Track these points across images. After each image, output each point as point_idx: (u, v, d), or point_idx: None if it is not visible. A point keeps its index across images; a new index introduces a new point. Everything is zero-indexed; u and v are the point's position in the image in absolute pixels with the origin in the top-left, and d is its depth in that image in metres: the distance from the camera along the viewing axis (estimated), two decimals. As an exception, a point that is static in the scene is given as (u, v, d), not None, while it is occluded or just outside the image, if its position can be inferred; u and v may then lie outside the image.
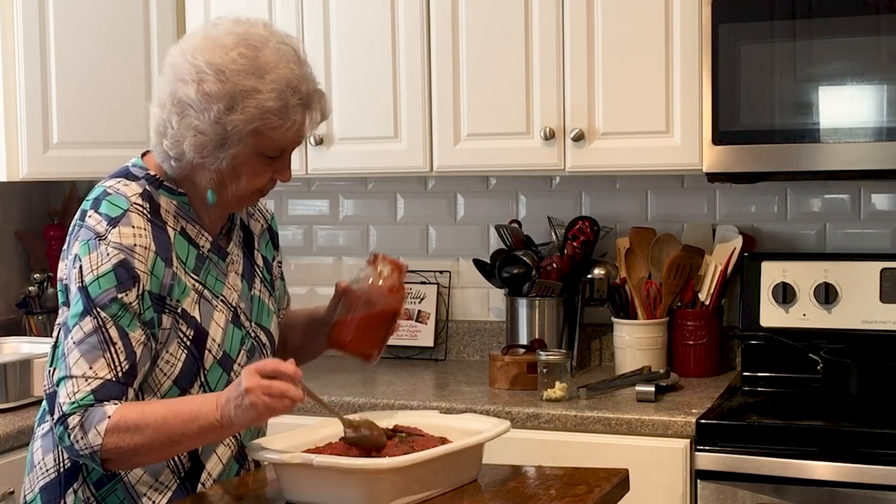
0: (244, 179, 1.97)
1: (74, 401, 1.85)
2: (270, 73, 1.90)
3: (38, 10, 3.22)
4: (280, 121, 1.91)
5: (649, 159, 2.95)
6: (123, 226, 1.91)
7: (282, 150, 1.98)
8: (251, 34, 1.93)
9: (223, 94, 1.88)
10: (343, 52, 3.20)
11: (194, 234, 2.02)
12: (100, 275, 1.88)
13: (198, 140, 1.91)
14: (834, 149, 2.71)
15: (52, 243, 3.66)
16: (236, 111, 1.88)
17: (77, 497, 1.99)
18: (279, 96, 1.90)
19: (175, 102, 1.92)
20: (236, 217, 2.13)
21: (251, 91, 1.88)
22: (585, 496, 1.88)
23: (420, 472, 1.84)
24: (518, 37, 3.03)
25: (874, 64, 2.70)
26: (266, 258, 2.20)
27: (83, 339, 1.88)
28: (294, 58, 1.95)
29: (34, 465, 2.06)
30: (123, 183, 1.98)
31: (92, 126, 3.28)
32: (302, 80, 1.94)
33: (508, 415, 2.72)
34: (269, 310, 2.14)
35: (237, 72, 1.89)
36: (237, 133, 1.90)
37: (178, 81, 1.92)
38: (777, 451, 2.54)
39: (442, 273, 3.53)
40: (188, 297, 1.97)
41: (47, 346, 2.05)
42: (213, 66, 1.89)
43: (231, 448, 2.05)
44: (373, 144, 3.19)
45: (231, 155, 1.92)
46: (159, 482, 1.99)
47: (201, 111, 1.89)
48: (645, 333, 3.10)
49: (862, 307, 2.96)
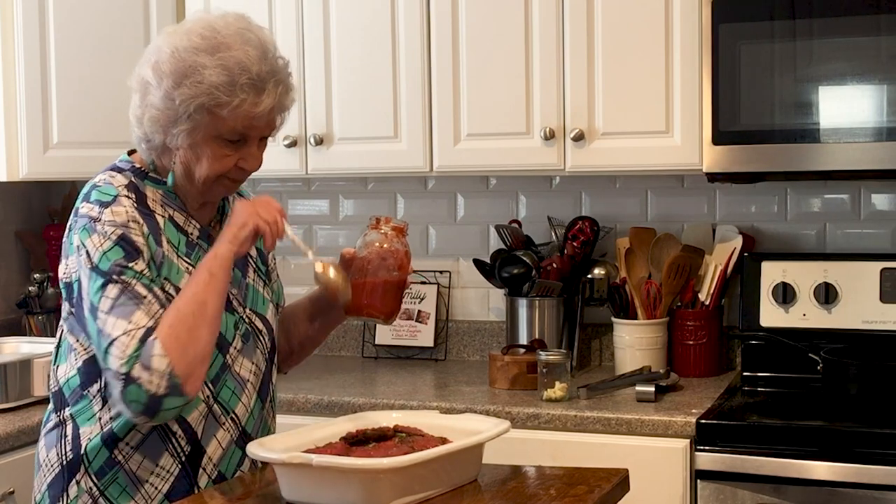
0: (206, 163, 2.01)
1: (128, 356, 1.86)
2: (223, 52, 1.95)
3: (38, 10, 3.22)
4: (226, 98, 1.94)
5: (649, 159, 2.95)
6: (115, 206, 1.97)
7: (239, 133, 2.00)
8: (219, 21, 1.99)
9: (174, 70, 1.95)
10: (343, 52, 3.20)
11: (182, 222, 2.07)
12: (105, 250, 1.93)
13: (152, 116, 1.98)
14: (834, 149, 2.71)
15: (52, 243, 3.66)
16: (184, 86, 1.94)
17: (80, 488, 2.01)
18: (225, 72, 1.94)
19: (140, 82, 2.01)
20: (227, 207, 2.17)
21: (199, 66, 1.94)
22: (585, 496, 1.88)
23: (420, 472, 1.84)
24: (518, 37, 3.03)
25: (874, 64, 2.70)
26: (260, 250, 2.22)
27: (112, 304, 1.90)
28: (256, 44, 1.98)
29: (40, 465, 2.08)
30: (110, 175, 2.05)
31: (92, 126, 3.28)
32: (256, 63, 1.96)
33: (508, 415, 2.72)
34: (264, 298, 2.17)
35: (189, 49, 1.95)
36: (185, 108, 1.95)
37: (143, 63, 2.01)
38: (777, 451, 2.54)
39: (442, 273, 3.53)
40: (182, 278, 2.00)
41: (47, 346, 2.07)
42: (171, 45, 1.97)
43: (231, 433, 2.07)
44: (373, 144, 3.19)
45: (185, 132, 1.97)
46: (160, 467, 2.01)
47: (156, 88, 1.97)
48: (645, 333, 3.10)
49: (862, 307, 2.96)
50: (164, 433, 2.01)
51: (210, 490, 2.00)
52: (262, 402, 2.14)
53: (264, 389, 2.15)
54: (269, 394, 2.17)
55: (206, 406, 2.03)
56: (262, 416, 2.14)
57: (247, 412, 2.09)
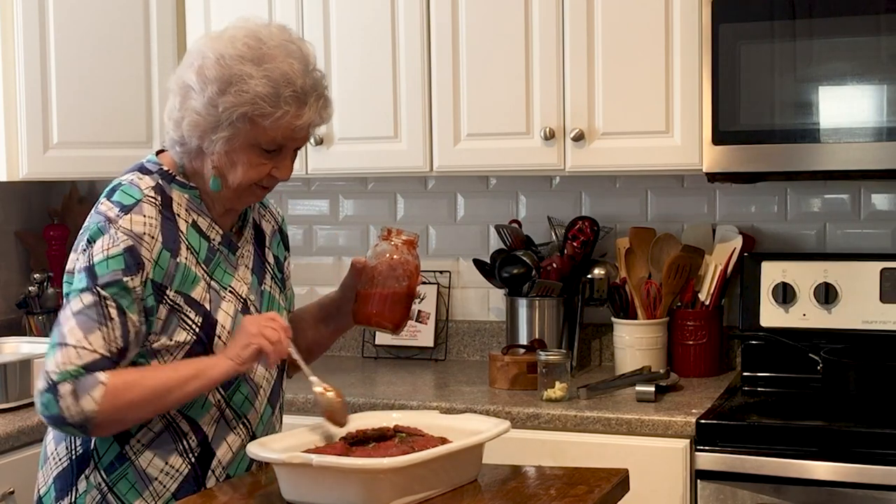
0: (241, 170, 2.01)
1: (65, 371, 1.88)
2: (268, 62, 1.96)
3: (38, 10, 3.22)
4: (270, 108, 1.95)
5: (649, 159, 2.95)
6: (135, 214, 1.97)
7: (277, 144, 2.01)
8: (263, 31, 2.01)
9: (219, 77, 1.95)
10: (343, 52, 3.20)
11: (205, 227, 2.07)
12: (109, 256, 1.93)
13: (193, 120, 1.98)
14: (834, 149, 2.71)
15: (52, 243, 3.66)
16: (229, 93, 1.95)
17: (89, 483, 2.02)
18: (271, 84, 1.95)
19: (181, 86, 2.01)
20: (249, 215, 2.18)
21: (245, 76, 1.95)
22: (585, 496, 1.88)
23: (420, 472, 1.84)
24: (518, 37, 3.03)
25: (874, 64, 2.70)
26: (277, 257, 2.24)
27: (82, 310, 1.92)
28: (299, 56, 2.00)
29: (47, 458, 2.09)
30: (137, 176, 2.05)
31: (92, 126, 3.28)
32: (300, 76, 1.98)
33: (508, 415, 2.72)
34: (279, 305, 2.19)
35: (235, 57, 1.96)
36: (228, 116, 1.95)
37: (186, 67, 2.01)
38: (777, 451, 2.54)
39: (442, 273, 3.53)
40: (198, 286, 2.01)
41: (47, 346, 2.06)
42: (216, 51, 1.97)
43: (242, 437, 2.08)
44: (373, 144, 3.19)
45: (224, 139, 1.97)
46: (169, 465, 2.02)
47: (199, 93, 1.97)
48: (645, 333, 3.10)
49: (862, 307, 2.96)
50: (175, 433, 2.02)
51: (209, 490, 2.00)
52: (272, 407, 2.15)
53: (275, 395, 2.16)
54: (278, 400, 2.19)
55: (217, 410, 2.04)
56: (272, 422, 2.15)
57: (258, 417, 2.10)
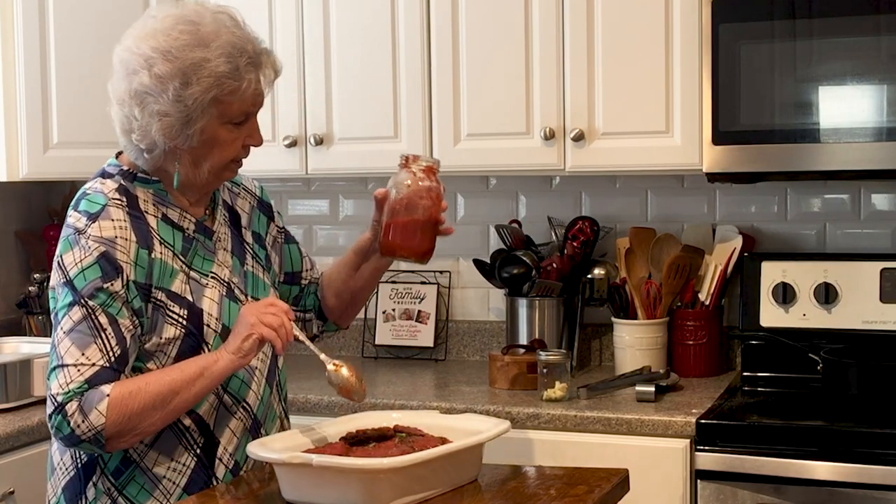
0: (217, 152, 2.01)
1: (69, 390, 1.88)
2: (214, 40, 1.95)
3: (38, 10, 3.22)
4: (235, 83, 1.96)
5: (649, 159, 2.95)
6: (103, 220, 1.95)
7: (245, 113, 2.01)
8: (187, 12, 1.99)
9: (175, 71, 1.94)
10: (343, 52, 3.20)
11: (177, 218, 2.06)
12: (84, 267, 1.92)
13: (164, 123, 1.96)
14: (834, 149, 2.71)
15: (52, 243, 3.66)
16: (192, 84, 1.94)
17: (98, 489, 2.01)
18: (228, 60, 1.95)
19: (132, 95, 1.97)
20: (218, 197, 2.17)
21: (201, 62, 1.94)
22: (585, 496, 1.88)
23: (420, 472, 1.84)
24: (518, 37, 3.03)
25: (874, 64, 2.70)
26: (258, 234, 2.23)
27: (73, 327, 1.91)
28: (232, 23, 2.00)
29: (54, 468, 2.08)
30: (100, 182, 2.04)
31: (92, 126, 3.26)
32: (245, 41, 1.99)
33: (508, 415, 2.72)
34: (264, 283, 2.18)
35: (182, 48, 1.94)
36: (198, 105, 1.95)
37: (130, 75, 1.98)
38: (777, 451, 2.54)
39: (442, 273, 3.53)
40: (176, 279, 2.00)
41: (47, 346, 2.07)
42: (158, 49, 1.95)
43: (244, 421, 2.08)
44: (373, 144, 3.19)
45: (199, 129, 1.97)
46: (175, 461, 2.01)
47: (159, 94, 1.94)
48: (645, 333, 3.10)
49: (862, 307, 2.96)
50: (176, 429, 2.01)
51: (210, 491, 2.00)
52: (270, 387, 2.15)
53: (271, 375, 2.16)
54: (276, 379, 2.18)
55: (216, 398, 2.04)
56: (270, 402, 2.15)
57: (257, 399, 2.11)
